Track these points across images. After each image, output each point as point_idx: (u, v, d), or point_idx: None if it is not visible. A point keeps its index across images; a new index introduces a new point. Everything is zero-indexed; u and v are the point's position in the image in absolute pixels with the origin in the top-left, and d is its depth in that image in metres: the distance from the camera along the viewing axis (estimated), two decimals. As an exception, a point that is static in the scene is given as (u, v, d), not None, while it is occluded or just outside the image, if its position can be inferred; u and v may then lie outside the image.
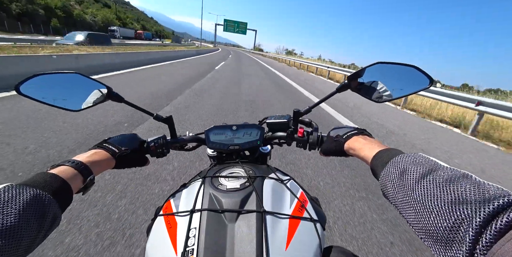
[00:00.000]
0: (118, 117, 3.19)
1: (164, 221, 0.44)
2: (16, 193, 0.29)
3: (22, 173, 1.79)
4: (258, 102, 4.97)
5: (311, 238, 0.42)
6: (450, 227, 0.23)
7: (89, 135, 2.57)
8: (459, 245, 0.22)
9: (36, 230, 0.29)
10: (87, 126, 2.80)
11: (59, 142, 2.34)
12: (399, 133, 3.86)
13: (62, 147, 2.25)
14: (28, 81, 0.45)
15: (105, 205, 1.56)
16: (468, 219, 0.22)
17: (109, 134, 2.62)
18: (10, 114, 3.00)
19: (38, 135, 2.46)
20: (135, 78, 6.69)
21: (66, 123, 2.82)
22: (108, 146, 0.50)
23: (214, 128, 0.60)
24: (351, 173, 2.28)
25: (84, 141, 2.42)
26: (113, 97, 0.53)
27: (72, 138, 2.46)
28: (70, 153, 2.16)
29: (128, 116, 3.22)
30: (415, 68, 0.48)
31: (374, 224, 1.62)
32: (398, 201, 0.32)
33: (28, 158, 2.01)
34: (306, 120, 0.65)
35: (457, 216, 0.23)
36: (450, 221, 0.23)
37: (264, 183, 0.49)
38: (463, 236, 0.22)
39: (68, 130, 2.64)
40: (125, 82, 5.90)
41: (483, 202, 0.22)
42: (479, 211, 0.22)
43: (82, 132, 2.64)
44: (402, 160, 0.34)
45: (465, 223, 0.22)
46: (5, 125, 2.65)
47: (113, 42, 17.66)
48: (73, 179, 0.38)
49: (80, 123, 2.86)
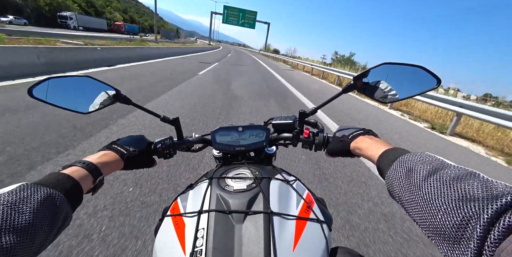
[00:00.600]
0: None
1: (172, 222, 0.45)
2: (31, 192, 0.30)
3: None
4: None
5: (318, 239, 0.42)
6: (458, 224, 0.23)
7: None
8: (467, 243, 0.22)
9: (49, 228, 0.30)
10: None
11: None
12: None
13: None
14: (40, 84, 0.47)
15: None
16: (476, 216, 0.22)
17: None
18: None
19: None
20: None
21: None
22: (116, 148, 0.51)
23: (220, 130, 0.61)
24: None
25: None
26: (121, 99, 0.54)
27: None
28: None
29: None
30: (422, 68, 0.48)
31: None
32: (404, 200, 0.32)
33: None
34: (311, 121, 0.65)
35: (465, 214, 0.23)
36: (457, 218, 0.23)
37: (271, 184, 0.49)
38: (471, 233, 0.22)
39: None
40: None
41: (491, 199, 0.22)
42: (486, 208, 0.22)
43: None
44: (409, 159, 0.34)
45: (472, 220, 0.22)
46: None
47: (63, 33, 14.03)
48: (84, 180, 0.39)
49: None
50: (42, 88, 0.47)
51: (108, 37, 21.12)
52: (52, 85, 0.48)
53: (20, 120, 2.68)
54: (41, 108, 3.01)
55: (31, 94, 0.46)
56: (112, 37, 21.91)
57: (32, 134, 2.38)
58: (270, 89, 6.97)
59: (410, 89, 0.52)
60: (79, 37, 15.32)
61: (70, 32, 23.59)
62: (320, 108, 0.59)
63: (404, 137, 4.03)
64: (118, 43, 13.58)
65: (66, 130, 2.56)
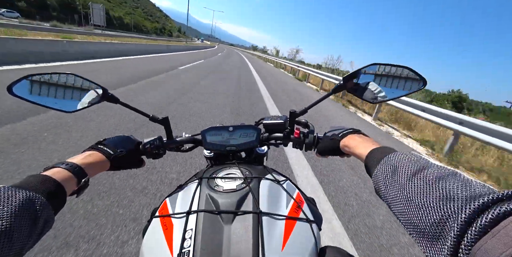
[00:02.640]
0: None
1: (160, 223, 0.44)
2: (9, 195, 0.28)
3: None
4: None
5: (307, 239, 0.42)
6: (437, 222, 0.24)
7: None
8: (444, 240, 0.23)
9: (29, 233, 0.28)
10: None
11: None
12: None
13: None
14: (21, 81, 0.45)
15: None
16: (454, 215, 0.23)
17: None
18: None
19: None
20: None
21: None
22: (103, 148, 0.49)
23: (210, 129, 0.60)
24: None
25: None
26: (109, 98, 0.53)
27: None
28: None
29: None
30: (409, 69, 0.49)
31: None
32: (389, 197, 0.32)
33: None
34: (302, 121, 0.65)
35: (444, 212, 0.24)
36: (437, 217, 0.24)
37: (261, 184, 0.49)
38: (448, 231, 0.22)
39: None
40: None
41: (469, 200, 0.23)
42: (464, 207, 0.22)
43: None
44: (395, 158, 0.35)
45: (450, 219, 0.23)
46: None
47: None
48: (67, 182, 0.37)
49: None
50: (23, 85, 0.45)
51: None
52: (33, 83, 0.46)
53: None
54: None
55: (10, 92, 0.44)
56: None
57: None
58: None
59: (398, 89, 0.53)
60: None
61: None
62: (310, 109, 0.59)
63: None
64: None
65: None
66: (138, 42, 16.40)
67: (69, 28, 22.52)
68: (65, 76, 0.50)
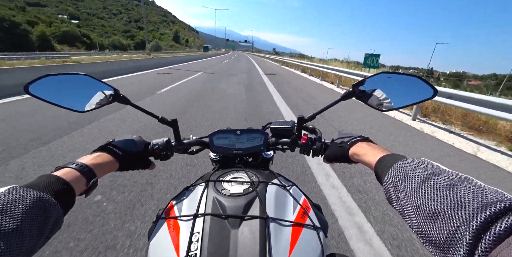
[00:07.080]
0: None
1: (166, 225, 0.44)
2: (20, 195, 0.29)
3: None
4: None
5: (314, 246, 0.42)
6: (449, 231, 0.23)
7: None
8: (456, 249, 0.22)
9: (39, 232, 0.29)
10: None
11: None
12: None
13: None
14: (38, 81, 0.46)
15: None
16: (466, 223, 0.22)
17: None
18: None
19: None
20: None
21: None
22: (111, 149, 0.50)
23: (218, 132, 0.60)
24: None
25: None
26: (120, 99, 0.54)
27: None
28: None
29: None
30: (419, 78, 0.50)
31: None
32: (401, 206, 0.32)
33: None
34: (310, 127, 0.65)
35: (456, 221, 0.23)
36: (448, 225, 0.23)
37: (268, 189, 0.49)
38: (460, 240, 0.22)
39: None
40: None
41: (482, 206, 0.22)
42: (476, 215, 0.22)
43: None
44: (405, 165, 0.35)
45: (462, 227, 0.22)
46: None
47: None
48: (76, 182, 0.38)
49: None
50: (39, 85, 0.46)
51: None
52: (49, 82, 0.47)
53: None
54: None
55: (27, 91, 0.45)
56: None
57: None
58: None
59: (406, 98, 0.53)
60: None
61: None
62: (318, 114, 0.59)
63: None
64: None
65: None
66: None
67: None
68: (79, 77, 0.51)
